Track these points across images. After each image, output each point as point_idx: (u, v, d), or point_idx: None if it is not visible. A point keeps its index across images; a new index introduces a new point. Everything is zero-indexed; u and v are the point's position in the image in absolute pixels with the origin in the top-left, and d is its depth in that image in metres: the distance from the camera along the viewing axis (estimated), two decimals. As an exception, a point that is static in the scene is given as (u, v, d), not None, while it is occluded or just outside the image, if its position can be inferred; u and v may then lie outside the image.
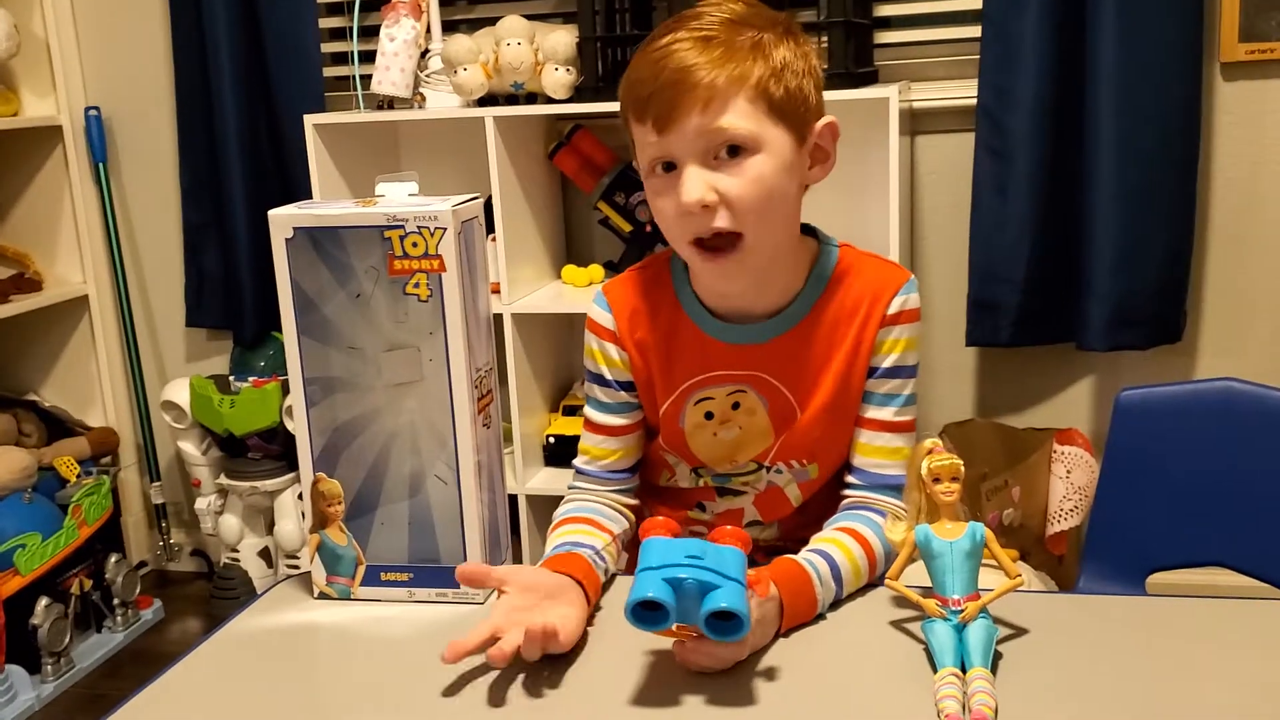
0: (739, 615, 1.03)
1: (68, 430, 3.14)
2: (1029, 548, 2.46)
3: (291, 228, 1.20)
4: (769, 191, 1.19)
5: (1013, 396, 2.75)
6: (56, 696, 2.69)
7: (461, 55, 2.48)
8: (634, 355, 1.36)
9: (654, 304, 1.35)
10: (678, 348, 1.34)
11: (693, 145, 1.18)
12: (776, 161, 1.19)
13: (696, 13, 1.21)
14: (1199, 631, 1.14)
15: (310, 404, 1.25)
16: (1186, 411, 1.60)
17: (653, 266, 1.38)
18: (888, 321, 1.30)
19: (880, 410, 1.32)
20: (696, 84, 1.16)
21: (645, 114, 1.19)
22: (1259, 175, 2.53)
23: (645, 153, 1.22)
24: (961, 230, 2.58)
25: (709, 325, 1.32)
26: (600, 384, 1.39)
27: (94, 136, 3.15)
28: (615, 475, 1.41)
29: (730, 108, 1.17)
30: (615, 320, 1.36)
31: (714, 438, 1.35)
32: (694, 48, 1.17)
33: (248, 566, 3.10)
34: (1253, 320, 2.59)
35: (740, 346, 1.31)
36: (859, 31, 2.43)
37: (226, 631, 1.26)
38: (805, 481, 1.37)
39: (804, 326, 1.30)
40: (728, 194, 1.18)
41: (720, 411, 1.34)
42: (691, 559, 1.04)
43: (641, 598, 1.02)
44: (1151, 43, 2.36)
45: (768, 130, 1.19)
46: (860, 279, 1.31)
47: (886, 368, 1.31)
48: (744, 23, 1.20)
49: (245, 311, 3.06)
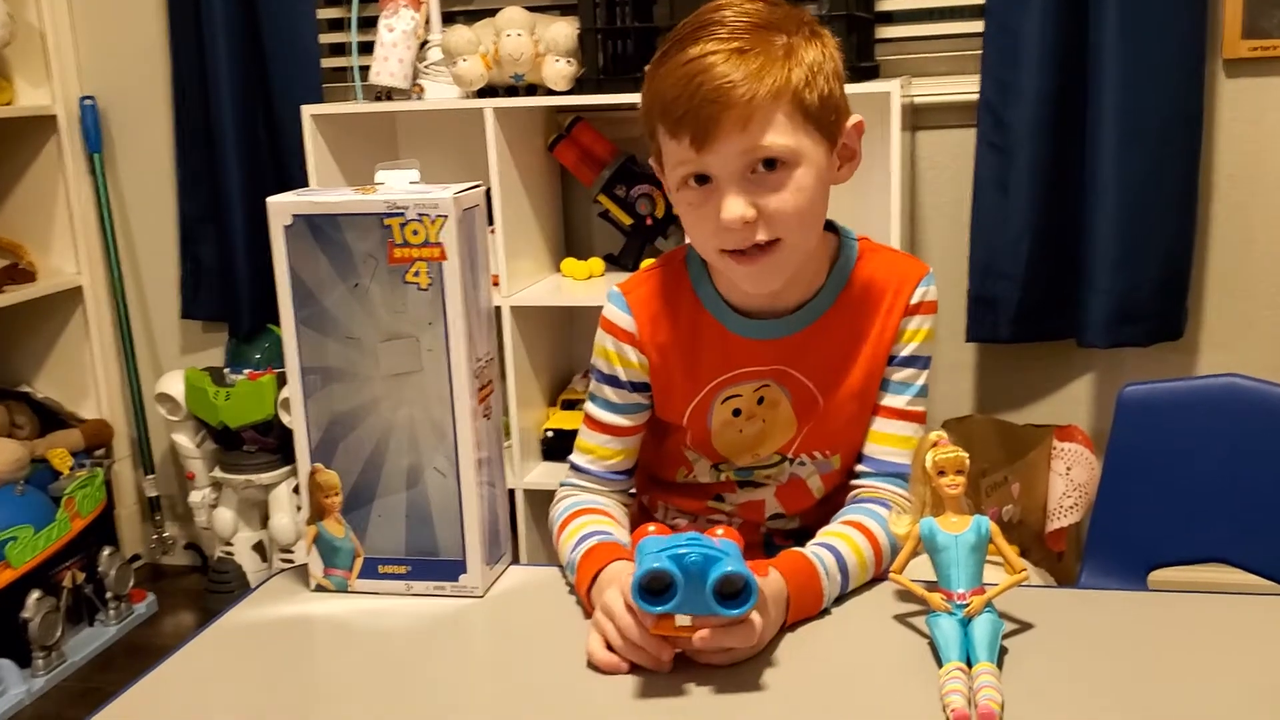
0: (746, 580, 1.02)
1: (61, 422, 3.13)
2: (1028, 544, 2.45)
3: (290, 215, 1.19)
4: (808, 200, 1.18)
5: (1013, 393, 2.74)
6: (48, 690, 2.67)
7: (461, 46, 2.46)
8: (654, 358, 1.33)
9: (674, 305, 1.33)
10: (701, 347, 1.32)
11: (732, 164, 1.16)
12: (814, 171, 1.19)
13: (719, 17, 1.17)
14: (1203, 627, 1.14)
15: (307, 394, 1.23)
16: (1190, 408, 1.59)
17: (669, 265, 1.35)
18: (910, 311, 1.31)
19: (895, 398, 1.33)
20: (736, 102, 1.13)
21: (681, 131, 1.16)
22: (1261, 172, 2.52)
23: (678, 168, 1.20)
24: (962, 226, 2.58)
25: (733, 322, 1.31)
26: (613, 385, 1.36)
27: (89, 126, 3.13)
28: (616, 476, 1.39)
29: (770, 123, 1.15)
30: (636, 323, 1.33)
31: (740, 434, 1.35)
32: (729, 60, 1.14)
33: (242, 560, 3.09)
34: (1254, 317, 2.58)
35: (765, 342, 1.30)
36: (861, 26, 2.42)
37: (222, 624, 1.24)
38: (828, 473, 1.37)
39: (827, 319, 1.30)
40: (767, 208, 1.17)
41: (748, 408, 1.33)
42: (690, 540, 1.05)
43: (648, 569, 1.02)
44: (1154, 39, 2.35)
45: (804, 142, 1.17)
46: (882, 270, 1.32)
47: (905, 356, 1.32)
48: (771, 27, 1.17)
49: (241, 303, 3.04)
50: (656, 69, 1.20)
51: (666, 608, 1.03)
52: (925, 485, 1.11)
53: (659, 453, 1.42)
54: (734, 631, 1.06)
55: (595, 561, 1.20)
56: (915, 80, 2.61)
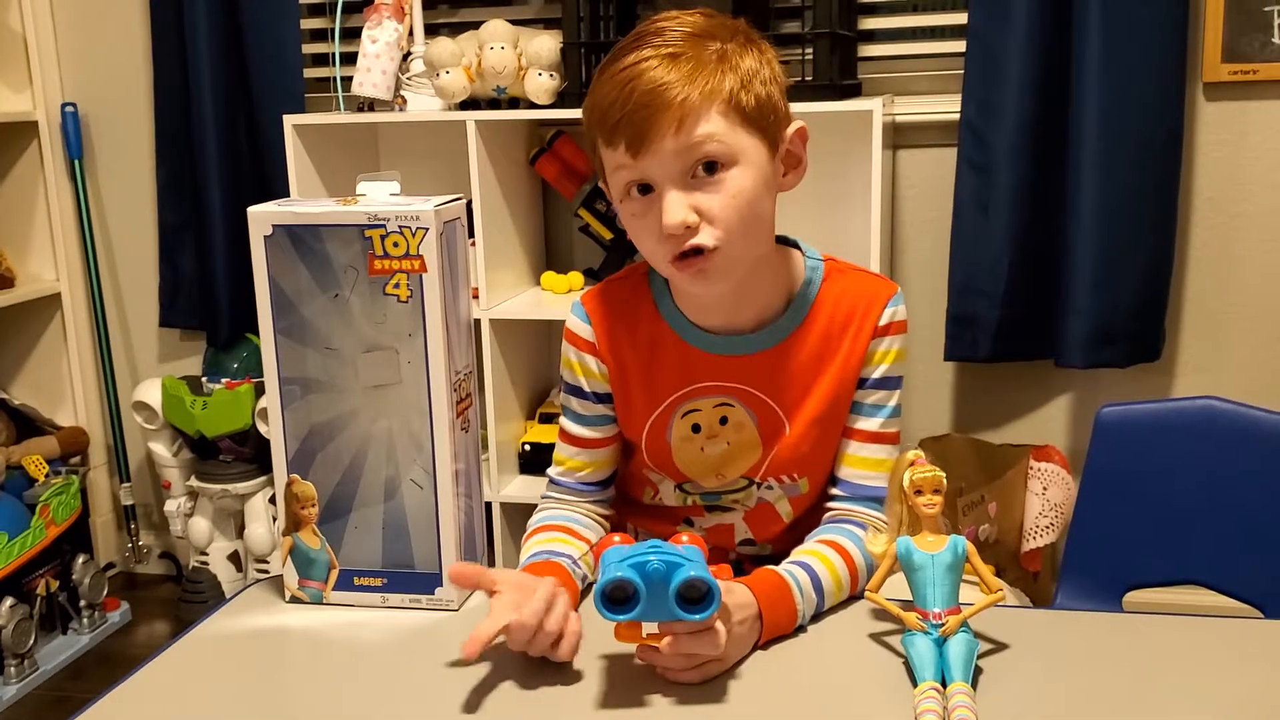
0: (709, 585, 1.03)
1: (37, 429, 3.11)
2: (1004, 564, 2.46)
3: (270, 225, 1.19)
4: (749, 204, 1.17)
5: (990, 412, 2.74)
6: (20, 699, 2.65)
7: (444, 58, 2.46)
8: (613, 368, 1.33)
9: (634, 316, 1.32)
10: (660, 360, 1.31)
11: (670, 166, 1.15)
12: (754, 173, 1.17)
13: (657, 29, 1.18)
14: (1177, 650, 1.14)
15: (286, 404, 1.23)
16: (1167, 429, 1.59)
17: (630, 278, 1.35)
18: (879, 333, 1.29)
19: (868, 421, 1.31)
20: (669, 103, 1.13)
21: (616, 138, 1.16)
22: (1240, 195, 2.54)
23: (618, 177, 1.19)
24: (942, 245, 2.58)
25: (692, 336, 1.30)
26: (577, 396, 1.36)
27: (70, 133, 3.11)
28: (589, 488, 1.39)
29: (705, 123, 1.14)
30: (594, 331, 1.33)
31: (701, 452, 1.33)
32: (661, 65, 1.14)
33: (217, 570, 3.07)
34: (1231, 340, 2.60)
35: (725, 358, 1.29)
36: (844, 44, 2.43)
37: (195, 634, 1.24)
38: (796, 496, 1.36)
39: (791, 341, 1.29)
40: (709, 211, 1.16)
41: (708, 425, 1.32)
42: (653, 548, 1.05)
43: (611, 579, 1.02)
44: (1135, 61, 2.36)
45: (743, 141, 1.16)
46: (848, 292, 1.30)
47: (876, 378, 1.30)
48: (706, 35, 1.17)
49: (220, 312, 3.03)
50: (594, 82, 1.20)
51: (630, 616, 1.04)
52: (902, 504, 1.11)
53: (626, 472, 1.42)
54: (700, 639, 1.06)
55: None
56: (897, 99, 2.62)
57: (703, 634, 1.06)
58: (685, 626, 1.05)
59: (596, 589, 1.03)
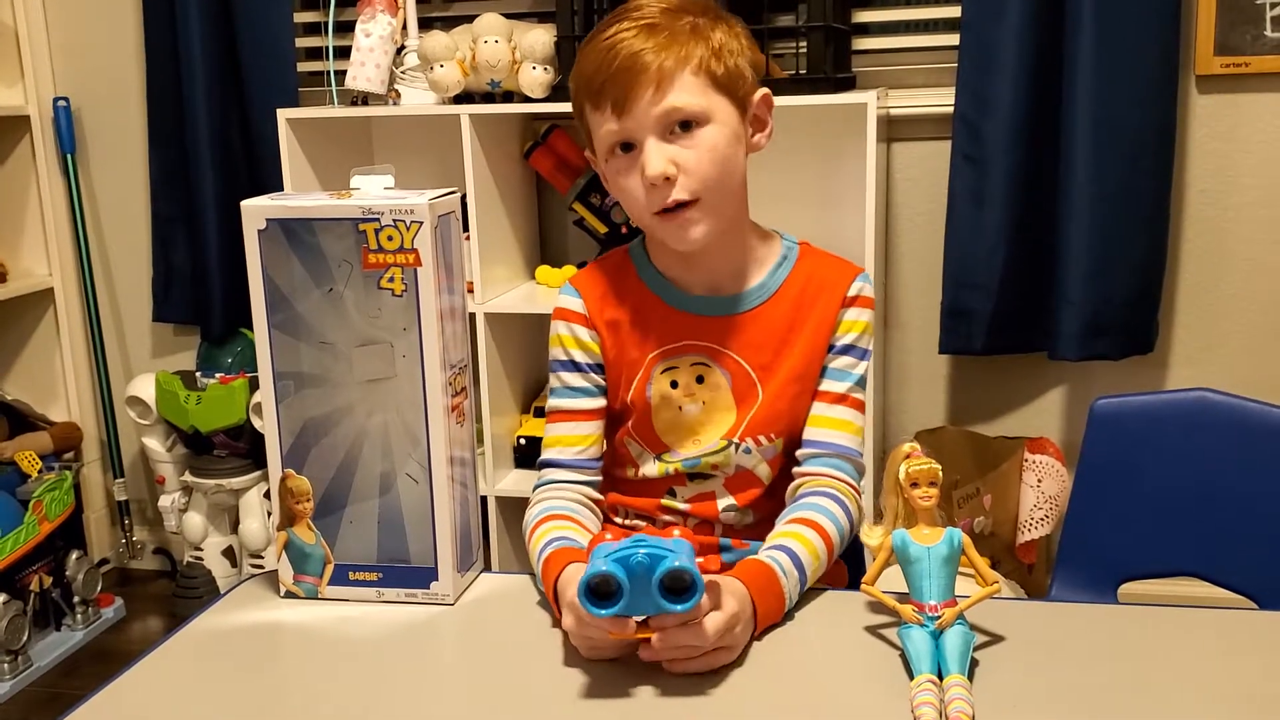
0: (691, 575, 1.04)
1: (30, 424, 3.10)
2: (999, 556, 2.46)
3: (264, 219, 1.18)
4: (722, 158, 1.30)
5: (985, 405, 2.75)
6: (14, 695, 2.65)
7: (438, 52, 2.46)
8: (605, 335, 1.42)
9: (620, 287, 1.42)
10: (644, 324, 1.40)
11: (650, 123, 1.28)
12: (726, 130, 1.30)
13: (635, 4, 1.32)
14: (1172, 641, 1.14)
15: (280, 399, 1.23)
16: (1161, 421, 1.60)
17: (613, 257, 1.46)
18: (847, 303, 1.40)
19: (836, 384, 1.40)
20: (647, 67, 1.26)
21: (602, 100, 1.29)
22: (1232, 187, 2.54)
23: (604, 138, 1.32)
24: (936, 237, 2.58)
25: (672, 297, 1.40)
26: (571, 369, 1.43)
27: (62, 127, 3.11)
28: (587, 464, 1.42)
29: (679, 85, 1.27)
30: (585, 303, 1.42)
31: (679, 412, 1.40)
32: (640, 34, 1.28)
33: (211, 566, 3.07)
34: (1224, 333, 2.60)
35: (704, 319, 1.39)
36: (838, 37, 2.43)
37: (190, 630, 1.24)
38: (773, 458, 1.42)
39: (767, 307, 1.40)
40: (686, 164, 1.28)
41: (684, 383, 1.39)
42: (638, 541, 1.06)
43: (595, 571, 1.04)
44: (1128, 54, 2.37)
45: (714, 101, 1.29)
46: (820, 267, 1.43)
47: (843, 345, 1.41)
48: (680, 9, 1.31)
49: (213, 307, 3.02)
50: (580, 53, 1.34)
51: (613, 610, 1.04)
52: (898, 497, 1.11)
53: (610, 452, 1.46)
54: (689, 630, 1.07)
55: (554, 567, 1.21)
56: (892, 92, 2.62)
57: (691, 625, 1.07)
58: (673, 619, 1.06)
59: (580, 583, 1.04)
